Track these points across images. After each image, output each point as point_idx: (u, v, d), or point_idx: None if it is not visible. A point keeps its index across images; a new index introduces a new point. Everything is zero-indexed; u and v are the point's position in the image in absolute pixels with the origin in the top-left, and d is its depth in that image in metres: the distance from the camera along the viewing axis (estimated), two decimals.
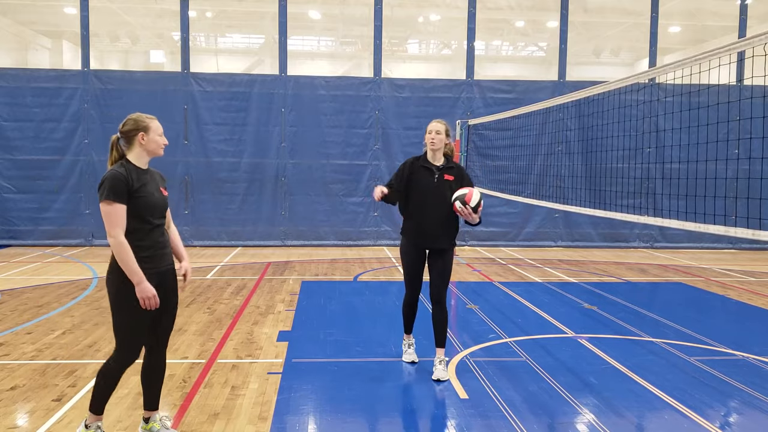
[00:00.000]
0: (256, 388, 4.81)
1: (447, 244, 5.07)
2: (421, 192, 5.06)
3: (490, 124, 12.60)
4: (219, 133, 13.10)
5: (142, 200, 3.55)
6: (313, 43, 18.22)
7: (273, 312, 7.33)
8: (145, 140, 3.67)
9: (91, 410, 3.70)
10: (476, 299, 8.16)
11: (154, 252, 3.64)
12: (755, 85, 11.90)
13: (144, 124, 3.68)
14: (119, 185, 3.48)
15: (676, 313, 7.56)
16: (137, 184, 3.56)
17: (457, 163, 5.25)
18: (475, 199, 4.83)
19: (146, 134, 3.67)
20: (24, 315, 7.03)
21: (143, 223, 3.58)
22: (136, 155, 3.67)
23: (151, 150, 3.71)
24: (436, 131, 5.09)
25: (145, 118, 3.71)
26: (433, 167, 5.12)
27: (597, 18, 15.77)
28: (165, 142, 3.79)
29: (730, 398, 4.72)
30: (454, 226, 5.12)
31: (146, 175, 3.67)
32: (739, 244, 13.90)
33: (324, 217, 13.39)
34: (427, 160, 5.16)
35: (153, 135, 3.70)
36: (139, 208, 3.55)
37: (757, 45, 4.31)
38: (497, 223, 13.72)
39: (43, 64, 15.72)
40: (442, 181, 5.08)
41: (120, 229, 3.47)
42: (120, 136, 3.68)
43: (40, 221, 12.82)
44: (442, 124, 5.15)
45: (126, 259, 3.46)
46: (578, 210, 7.89)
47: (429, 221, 5.03)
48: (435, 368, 5.08)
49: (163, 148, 3.79)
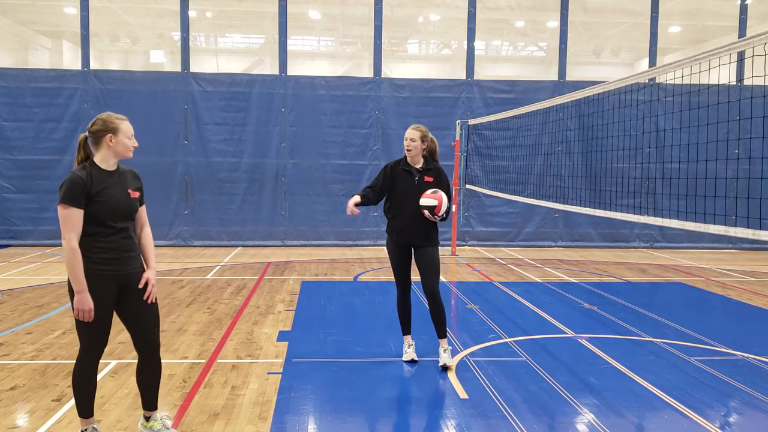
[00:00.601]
0: (256, 388, 4.81)
1: (429, 242, 5.34)
2: (402, 194, 5.31)
3: (490, 124, 12.60)
4: (219, 133, 13.09)
5: (102, 204, 3.47)
6: (313, 43, 18.22)
7: (273, 312, 7.33)
8: (113, 142, 3.55)
9: (79, 415, 3.70)
10: (476, 299, 8.16)
11: (117, 255, 3.55)
12: (755, 85, 11.90)
13: (113, 126, 3.56)
14: (77, 189, 3.42)
15: (676, 313, 7.56)
16: (97, 188, 3.47)
17: (436, 164, 5.45)
18: (444, 209, 5.15)
19: (114, 136, 3.55)
20: (24, 315, 7.03)
21: (103, 227, 3.50)
22: (102, 157, 3.57)
23: (119, 152, 3.60)
24: (411, 138, 5.31)
25: (114, 119, 3.59)
26: (413, 170, 5.36)
27: (597, 18, 15.77)
28: (134, 144, 3.66)
29: (730, 398, 4.72)
30: (435, 224, 5.36)
31: (111, 178, 3.57)
32: (739, 244, 13.90)
33: (324, 217, 13.39)
34: (407, 164, 5.39)
35: (122, 137, 3.57)
36: (98, 213, 3.47)
37: (757, 45, 4.31)
38: (497, 223, 13.72)
39: (43, 64, 15.72)
40: (422, 182, 5.32)
41: (74, 234, 3.41)
42: (88, 136, 3.58)
43: (40, 221, 12.82)
44: (417, 131, 5.34)
45: (73, 264, 3.39)
46: (578, 210, 7.89)
47: (411, 221, 5.27)
48: (441, 356, 5.29)
49: (132, 150, 3.65)
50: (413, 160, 5.37)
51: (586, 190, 11.39)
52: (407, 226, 5.29)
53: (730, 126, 12.15)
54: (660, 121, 13.18)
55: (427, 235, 5.32)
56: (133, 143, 3.66)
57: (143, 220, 3.82)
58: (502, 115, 11.13)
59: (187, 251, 12.51)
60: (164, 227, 13.01)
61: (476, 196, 13.42)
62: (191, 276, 9.71)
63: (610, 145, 11.67)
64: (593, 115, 12.00)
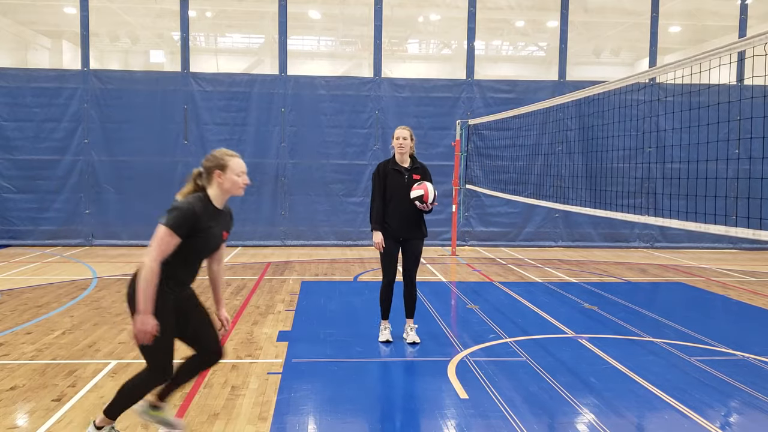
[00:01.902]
0: (255, 388, 4.80)
1: (419, 234, 5.87)
2: (394, 192, 5.78)
3: (490, 124, 12.60)
4: (219, 133, 13.09)
5: (200, 240, 3.44)
6: (313, 43, 18.22)
7: (273, 312, 7.33)
8: (221, 178, 3.51)
9: (106, 413, 3.66)
10: (476, 299, 8.16)
11: (185, 282, 3.59)
12: (755, 84, 11.88)
13: (222, 162, 3.51)
14: (187, 221, 3.35)
15: (676, 313, 7.56)
16: (204, 224, 3.43)
17: (421, 162, 5.95)
18: (431, 196, 5.65)
19: (223, 172, 3.50)
20: (24, 315, 7.03)
21: (188, 258, 3.48)
22: (214, 193, 3.53)
23: (227, 189, 3.55)
24: (403, 137, 5.78)
25: (225, 155, 3.54)
26: (402, 169, 5.83)
27: (597, 18, 15.77)
28: (245, 181, 3.59)
29: (730, 398, 4.72)
30: (422, 217, 5.89)
31: (218, 217, 3.56)
32: (739, 244, 13.89)
33: (324, 217, 13.39)
34: (396, 163, 5.85)
35: (230, 174, 3.52)
36: (194, 246, 3.44)
37: (757, 45, 4.31)
38: (497, 223, 13.72)
39: (43, 64, 15.72)
40: (411, 180, 5.80)
41: (161, 257, 3.32)
42: (202, 171, 3.57)
43: (40, 221, 12.81)
44: (407, 130, 5.84)
45: (148, 286, 3.29)
46: (578, 210, 7.88)
47: (402, 216, 5.77)
48: (408, 334, 5.99)
49: (243, 188, 3.59)
50: (402, 158, 5.83)
51: (586, 190, 11.38)
52: (400, 220, 5.77)
53: (731, 126, 12.14)
54: (660, 121, 13.17)
55: (418, 227, 5.85)
56: (244, 180, 3.58)
57: (221, 256, 3.83)
58: (502, 115, 11.12)
59: None
60: None
61: (476, 196, 13.41)
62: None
63: (610, 145, 11.67)
64: (593, 115, 12.00)
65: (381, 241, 5.73)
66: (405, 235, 5.81)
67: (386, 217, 5.79)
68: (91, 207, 12.79)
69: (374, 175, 5.85)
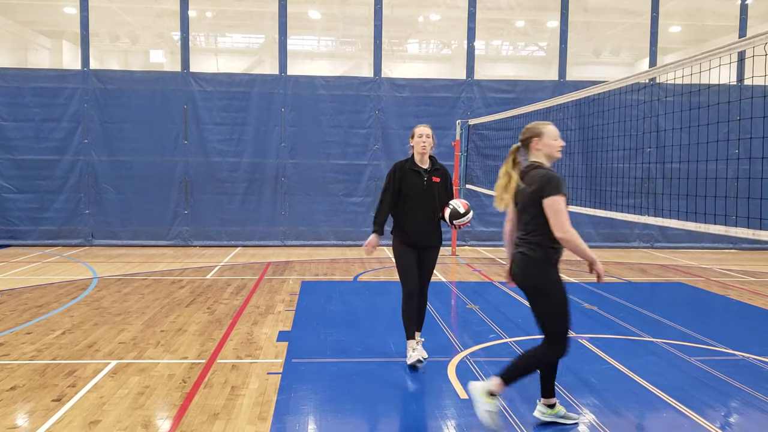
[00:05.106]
0: (255, 389, 4.80)
1: (436, 242, 5.41)
2: (411, 195, 5.28)
3: (490, 124, 12.60)
4: (219, 133, 13.10)
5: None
6: (313, 43, 18.22)
7: (273, 312, 7.33)
8: (539, 145, 3.93)
9: (503, 379, 3.90)
10: (476, 299, 8.16)
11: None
12: (755, 85, 11.88)
13: (537, 130, 3.94)
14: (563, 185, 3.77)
15: (676, 313, 7.56)
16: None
17: (441, 164, 5.47)
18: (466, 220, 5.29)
19: (540, 139, 3.93)
20: (24, 315, 7.03)
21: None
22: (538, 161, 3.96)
23: (546, 153, 3.94)
24: (426, 135, 5.28)
25: (539, 125, 3.96)
26: (421, 170, 5.32)
27: (597, 18, 15.77)
28: (561, 144, 3.97)
29: (731, 398, 4.72)
30: (440, 224, 5.45)
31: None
32: (739, 244, 13.89)
33: (324, 217, 13.39)
34: (414, 163, 5.34)
35: (546, 139, 3.92)
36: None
37: (758, 45, 4.31)
38: (497, 223, 13.70)
39: (43, 64, 15.73)
40: (431, 183, 5.32)
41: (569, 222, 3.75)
42: (520, 145, 4.02)
43: (40, 221, 12.82)
44: (429, 128, 5.35)
45: (582, 245, 3.77)
46: (578, 210, 7.88)
47: (420, 222, 5.29)
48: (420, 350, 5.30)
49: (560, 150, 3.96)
50: (422, 159, 5.33)
51: (586, 190, 11.38)
52: (419, 227, 5.28)
53: (731, 126, 12.14)
54: (660, 121, 13.17)
55: (436, 235, 5.39)
56: (560, 143, 3.97)
57: None
58: (502, 115, 11.12)
59: (186, 251, 12.51)
60: (164, 227, 13.02)
61: (476, 196, 13.41)
62: (191, 276, 9.70)
63: (610, 145, 11.67)
64: (593, 115, 12.00)
65: (373, 245, 5.25)
66: (424, 242, 5.31)
67: (403, 224, 5.30)
68: (91, 207, 12.79)
69: (389, 174, 5.35)
